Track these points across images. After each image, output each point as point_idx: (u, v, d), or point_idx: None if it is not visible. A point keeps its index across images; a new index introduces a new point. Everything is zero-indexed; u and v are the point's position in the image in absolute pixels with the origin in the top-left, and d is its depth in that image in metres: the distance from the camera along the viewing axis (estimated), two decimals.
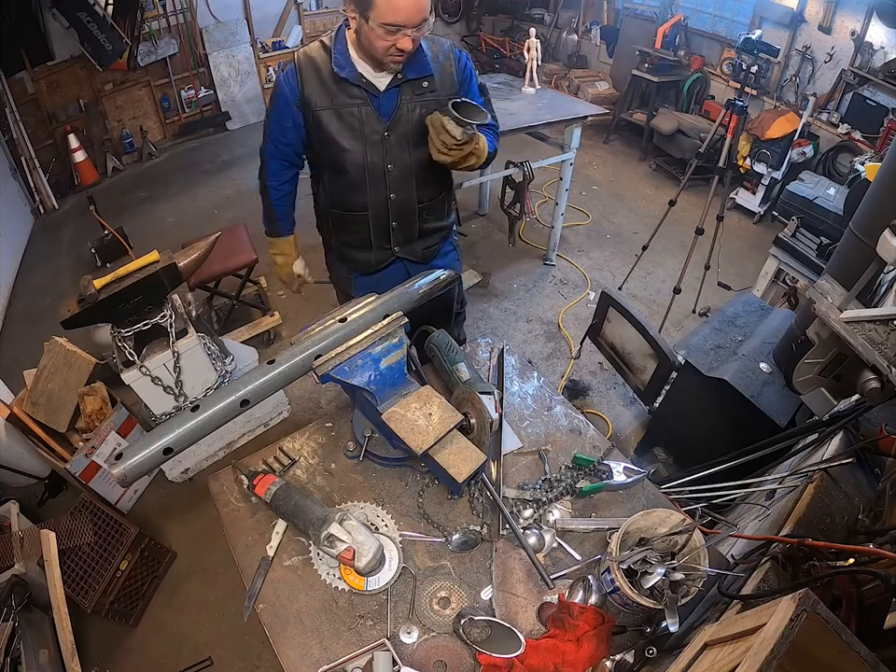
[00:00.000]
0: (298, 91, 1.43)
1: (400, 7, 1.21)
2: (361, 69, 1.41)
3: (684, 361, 2.01)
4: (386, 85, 1.42)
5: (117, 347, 2.01)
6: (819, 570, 0.89)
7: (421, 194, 1.59)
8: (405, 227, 1.63)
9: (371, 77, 1.42)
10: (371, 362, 1.15)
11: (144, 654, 1.91)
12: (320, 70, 1.42)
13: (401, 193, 1.56)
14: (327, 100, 1.43)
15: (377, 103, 1.43)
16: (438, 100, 1.45)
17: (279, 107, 1.48)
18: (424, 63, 1.44)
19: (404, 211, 1.60)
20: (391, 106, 1.44)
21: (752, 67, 2.75)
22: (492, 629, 0.99)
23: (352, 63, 1.40)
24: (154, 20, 4.73)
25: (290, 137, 1.52)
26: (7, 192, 3.91)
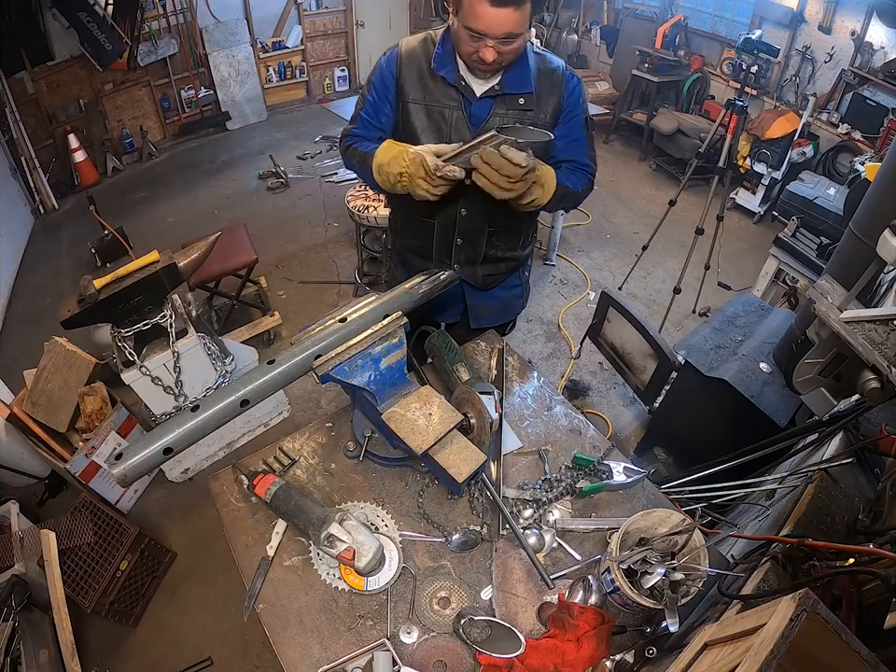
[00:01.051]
0: (395, 76, 1.36)
1: (481, 14, 1.13)
2: (463, 72, 1.32)
3: (684, 361, 2.01)
4: (483, 92, 1.33)
5: (117, 347, 2.01)
6: (819, 570, 0.89)
7: (494, 217, 1.45)
8: (470, 247, 1.51)
9: (470, 81, 1.33)
10: (371, 362, 1.15)
11: (144, 654, 1.91)
12: (420, 62, 1.34)
13: (473, 211, 1.43)
14: (420, 93, 1.35)
15: (469, 109, 1.34)
16: (531, 122, 1.34)
17: (377, 86, 1.39)
18: (525, 79, 1.33)
19: (472, 230, 1.48)
20: (482, 116, 1.35)
21: (752, 67, 2.76)
22: (492, 629, 0.99)
23: (454, 62, 1.32)
24: (154, 20, 4.73)
25: (384, 120, 1.41)
26: (7, 192, 3.91)
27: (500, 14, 1.13)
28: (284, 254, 3.81)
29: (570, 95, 1.38)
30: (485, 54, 1.19)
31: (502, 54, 1.21)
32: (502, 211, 1.39)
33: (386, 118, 1.41)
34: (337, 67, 6.41)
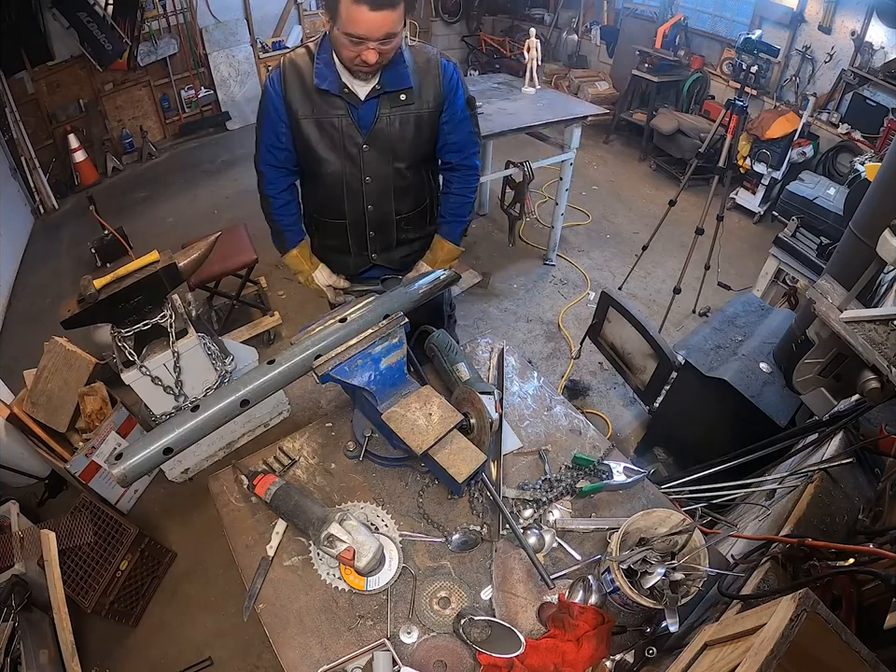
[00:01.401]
0: (282, 96, 1.40)
1: (360, 19, 1.17)
2: (345, 78, 1.37)
3: (684, 361, 2.01)
4: (366, 94, 1.39)
5: (117, 347, 2.01)
6: (819, 570, 0.89)
7: (399, 206, 1.57)
8: (383, 236, 1.63)
9: (353, 86, 1.38)
10: (371, 362, 1.15)
11: (144, 654, 1.91)
12: (304, 78, 1.39)
13: (379, 205, 1.54)
14: (308, 108, 1.40)
15: (357, 114, 1.40)
16: (416, 115, 1.43)
17: (269, 112, 1.44)
18: (403, 75, 1.39)
19: (382, 223, 1.59)
20: (370, 118, 1.41)
21: (752, 67, 2.75)
22: (492, 629, 0.99)
23: (335, 71, 1.36)
24: (154, 20, 4.73)
25: (285, 141, 1.47)
26: (7, 192, 3.91)
27: (379, 17, 1.18)
28: None
29: (449, 81, 1.45)
30: (368, 57, 1.24)
31: (383, 54, 1.26)
32: (407, 201, 1.58)
33: (286, 136, 1.46)
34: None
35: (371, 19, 1.17)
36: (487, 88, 3.45)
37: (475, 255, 3.87)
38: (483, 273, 3.63)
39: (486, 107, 3.05)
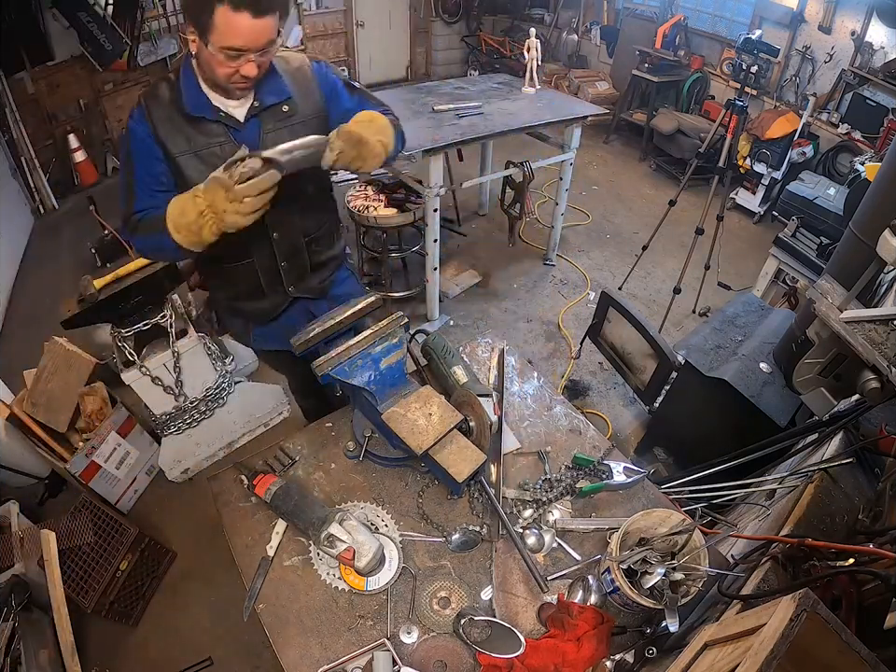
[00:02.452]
0: (152, 136, 1.23)
1: (242, 29, 1.07)
2: (217, 102, 1.24)
3: (684, 361, 2.01)
4: (245, 115, 1.27)
5: (117, 347, 2.01)
6: (818, 570, 0.89)
7: (305, 227, 1.44)
8: (295, 265, 1.47)
9: (229, 109, 1.25)
10: (371, 362, 1.15)
11: (144, 654, 1.91)
12: (171, 110, 1.23)
13: (284, 231, 1.39)
14: (184, 143, 1.24)
15: (240, 137, 1.26)
16: (304, 122, 1.31)
17: (140, 152, 1.25)
18: (280, 86, 1.28)
19: (291, 249, 1.44)
20: (255, 139, 1.27)
21: (752, 67, 2.75)
22: (492, 629, 0.99)
23: (204, 94, 1.23)
24: (154, 20, 4.73)
25: (167, 182, 1.27)
26: (7, 192, 3.90)
27: (260, 24, 1.08)
28: None
29: (325, 80, 1.35)
30: (248, 70, 1.14)
31: (261, 66, 1.16)
32: (311, 217, 1.44)
33: (165, 177, 1.27)
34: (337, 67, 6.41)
35: (253, 27, 1.07)
36: (487, 88, 3.46)
37: (475, 255, 3.87)
38: (483, 273, 3.63)
39: (486, 107, 3.05)
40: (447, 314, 3.32)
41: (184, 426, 2.29)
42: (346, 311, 1.23)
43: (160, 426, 2.26)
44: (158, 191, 1.27)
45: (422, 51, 6.94)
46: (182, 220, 1.15)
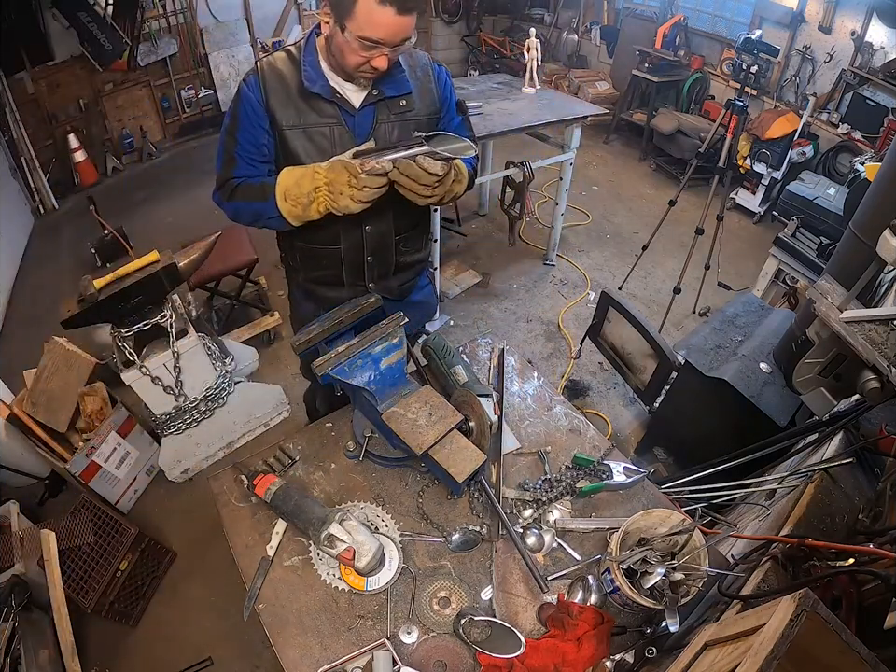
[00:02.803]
0: (263, 103, 1.23)
1: (383, 22, 1.07)
2: (334, 83, 1.24)
3: (684, 361, 2.01)
4: (361, 102, 1.26)
5: (117, 347, 2.01)
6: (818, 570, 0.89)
7: (398, 225, 1.42)
8: (381, 261, 1.45)
9: (346, 92, 1.25)
10: (371, 362, 1.15)
11: (144, 654, 1.91)
12: (287, 83, 1.23)
13: (377, 225, 1.37)
14: (294, 117, 1.24)
15: (352, 122, 1.26)
16: (418, 120, 1.32)
17: (247, 119, 1.25)
18: (402, 80, 1.28)
19: (380, 244, 1.42)
20: (367, 127, 1.28)
21: (752, 67, 2.75)
22: (492, 629, 0.99)
23: (324, 75, 1.23)
24: (154, 20, 4.72)
25: (268, 153, 1.28)
26: (7, 192, 3.90)
27: (403, 21, 1.09)
28: None
29: (444, 87, 1.36)
30: (380, 63, 1.14)
31: (391, 60, 1.16)
32: (406, 216, 1.41)
33: (268, 148, 1.28)
34: None
35: (396, 22, 1.08)
36: (487, 88, 3.46)
37: (475, 255, 3.87)
38: (483, 273, 3.63)
39: (486, 107, 3.05)
40: (447, 314, 3.32)
41: (184, 426, 2.29)
42: (346, 311, 1.23)
43: (160, 426, 2.26)
44: (259, 161, 1.29)
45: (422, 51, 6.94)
46: (295, 190, 1.17)
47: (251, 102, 1.24)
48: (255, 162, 1.29)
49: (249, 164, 1.29)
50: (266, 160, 1.29)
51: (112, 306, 1.88)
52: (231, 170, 1.29)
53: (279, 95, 1.24)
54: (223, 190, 1.32)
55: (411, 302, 1.60)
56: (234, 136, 1.27)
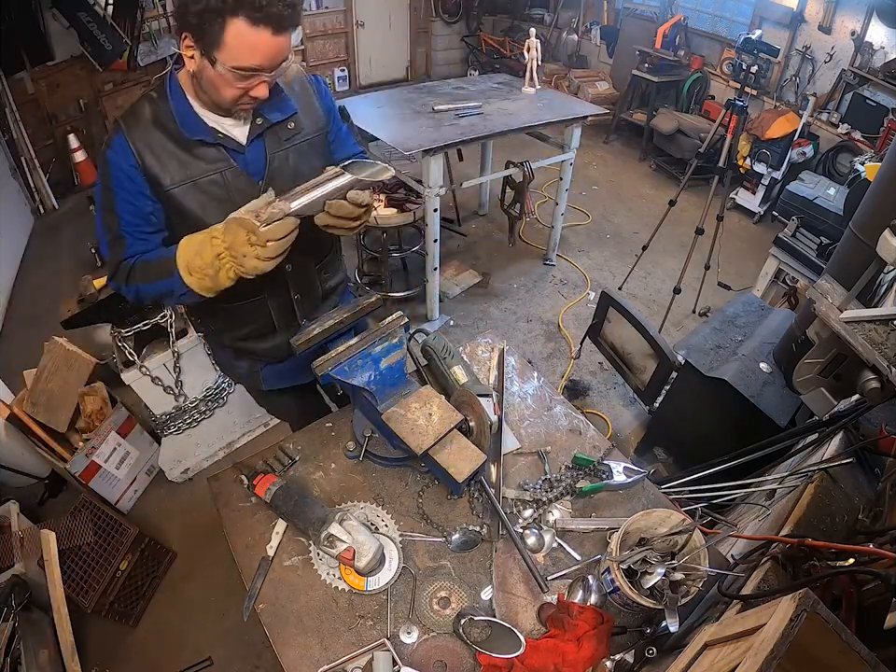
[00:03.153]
0: (138, 168, 1.07)
1: (259, 46, 0.95)
2: (213, 122, 1.10)
3: (684, 361, 2.01)
4: (247, 136, 1.14)
5: (117, 347, 2.01)
6: (818, 570, 0.89)
7: (317, 252, 1.34)
8: (308, 295, 1.37)
9: (225, 128, 1.12)
10: (371, 362, 1.15)
11: (144, 654, 1.91)
12: (159, 135, 1.08)
13: (297, 261, 1.24)
14: (179, 172, 1.09)
15: (243, 161, 1.14)
16: (309, 141, 1.21)
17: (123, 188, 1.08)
18: (285, 101, 1.16)
19: (304, 279, 1.33)
20: (260, 162, 1.15)
21: (752, 67, 2.75)
22: (492, 629, 0.99)
23: (198, 116, 1.09)
24: (154, 20, 4.73)
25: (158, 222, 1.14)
26: (7, 192, 3.90)
27: (280, 42, 0.97)
28: None
29: (325, 97, 1.26)
30: (260, 91, 1.02)
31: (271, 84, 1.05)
32: (321, 243, 1.33)
33: (156, 216, 1.13)
34: (337, 67, 6.42)
35: (273, 44, 0.96)
36: (487, 88, 3.46)
37: (475, 255, 3.87)
38: (483, 273, 3.63)
39: (486, 107, 3.05)
40: (447, 314, 3.32)
41: (184, 426, 2.29)
42: (346, 311, 1.23)
43: (160, 426, 2.27)
44: (149, 233, 1.13)
45: (422, 51, 6.94)
46: (198, 261, 1.02)
47: (122, 168, 1.07)
48: (145, 235, 1.13)
49: (140, 240, 1.13)
50: (156, 229, 1.14)
51: (112, 306, 1.89)
52: (121, 251, 1.13)
53: (154, 152, 1.08)
54: (118, 275, 1.15)
55: None
56: (114, 212, 1.10)
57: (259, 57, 0.97)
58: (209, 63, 0.97)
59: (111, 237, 1.13)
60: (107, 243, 1.14)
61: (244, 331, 1.36)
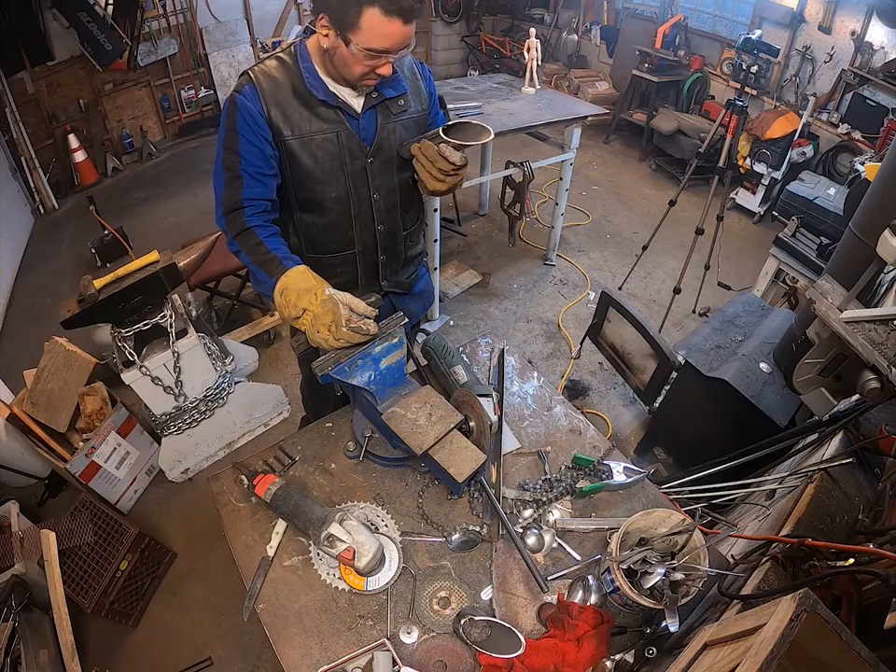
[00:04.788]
0: (264, 115, 1.18)
1: (390, 33, 1.08)
2: (333, 89, 1.23)
3: (684, 361, 2.02)
4: (363, 106, 1.26)
5: (117, 347, 2.01)
6: (818, 570, 0.89)
7: (405, 220, 1.46)
8: (393, 258, 1.49)
9: (345, 97, 1.24)
10: (371, 362, 1.15)
11: (144, 654, 1.91)
12: (286, 91, 1.20)
13: (388, 223, 1.41)
14: (300, 127, 1.21)
15: (356, 126, 1.26)
16: (414, 119, 1.34)
17: (249, 129, 1.18)
18: (397, 81, 1.29)
19: (392, 242, 1.45)
20: (371, 130, 1.28)
21: (752, 67, 2.76)
22: (492, 629, 0.99)
23: (323, 82, 1.22)
24: (154, 20, 4.73)
25: (276, 166, 1.24)
26: (7, 192, 3.90)
27: (409, 30, 1.10)
28: None
29: (430, 83, 1.39)
30: (385, 70, 1.15)
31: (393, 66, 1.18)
32: (410, 212, 1.46)
33: (275, 160, 1.23)
34: None
35: (402, 32, 1.09)
36: (487, 88, 3.46)
37: (475, 255, 3.87)
38: (483, 273, 3.63)
39: (486, 107, 3.05)
40: (447, 314, 3.32)
41: (184, 426, 2.29)
42: None
43: (160, 426, 2.26)
44: (268, 174, 1.22)
45: (422, 51, 6.94)
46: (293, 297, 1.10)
47: (251, 113, 1.17)
48: (263, 178, 1.22)
49: (258, 181, 1.21)
50: (274, 172, 1.24)
51: (112, 306, 1.89)
52: (239, 190, 1.20)
53: (280, 105, 1.20)
54: (231, 219, 1.22)
55: (415, 293, 1.65)
56: (236, 152, 1.19)
57: (389, 42, 1.09)
58: (343, 43, 1.10)
59: (230, 175, 1.21)
60: (224, 180, 1.22)
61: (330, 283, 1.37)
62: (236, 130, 1.18)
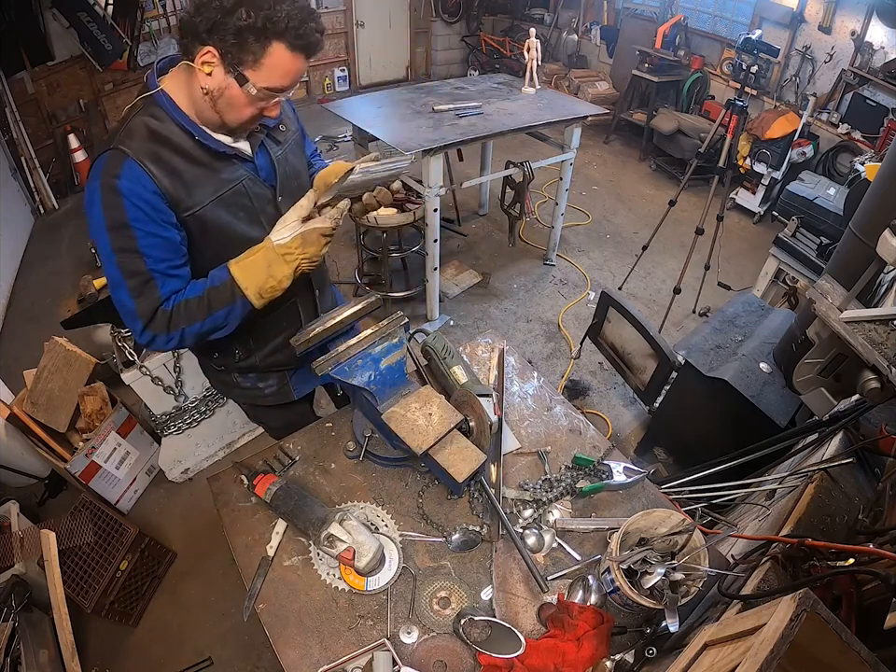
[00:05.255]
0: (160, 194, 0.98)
1: (294, 70, 0.97)
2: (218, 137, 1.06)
3: (684, 361, 2.02)
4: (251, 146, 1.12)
5: (117, 347, 2.01)
6: (818, 570, 0.89)
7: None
8: (323, 288, 1.40)
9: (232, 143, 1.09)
10: (371, 362, 1.15)
11: (144, 654, 1.91)
12: (171, 155, 0.99)
13: None
14: (204, 191, 1.03)
15: (253, 169, 1.12)
16: (295, 139, 1.24)
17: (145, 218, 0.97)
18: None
19: (319, 273, 1.32)
20: (268, 168, 1.14)
21: (752, 67, 2.75)
22: (492, 629, 0.99)
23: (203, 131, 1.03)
24: (154, 20, 4.73)
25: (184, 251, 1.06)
26: (7, 192, 3.90)
27: (306, 66, 1.00)
28: None
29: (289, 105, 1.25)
30: (274, 112, 1.03)
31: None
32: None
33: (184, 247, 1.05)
34: (337, 67, 6.42)
35: (302, 69, 0.99)
36: (487, 88, 3.46)
37: (475, 255, 3.87)
38: (483, 273, 3.63)
39: (486, 107, 3.05)
40: (447, 314, 3.32)
41: (184, 426, 2.29)
42: (346, 311, 1.23)
43: (160, 426, 2.27)
44: (180, 266, 1.05)
45: (422, 51, 6.94)
46: (272, 282, 1.04)
47: (142, 197, 0.96)
48: (176, 270, 1.04)
49: (172, 277, 1.04)
50: (185, 259, 1.07)
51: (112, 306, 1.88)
52: (155, 293, 1.02)
53: (173, 174, 0.99)
54: (155, 324, 1.04)
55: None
56: (135, 251, 0.98)
57: (289, 80, 0.99)
58: (235, 82, 0.95)
59: (136, 282, 1.00)
60: (131, 290, 1.01)
61: (276, 342, 1.32)
62: (127, 224, 0.96)
